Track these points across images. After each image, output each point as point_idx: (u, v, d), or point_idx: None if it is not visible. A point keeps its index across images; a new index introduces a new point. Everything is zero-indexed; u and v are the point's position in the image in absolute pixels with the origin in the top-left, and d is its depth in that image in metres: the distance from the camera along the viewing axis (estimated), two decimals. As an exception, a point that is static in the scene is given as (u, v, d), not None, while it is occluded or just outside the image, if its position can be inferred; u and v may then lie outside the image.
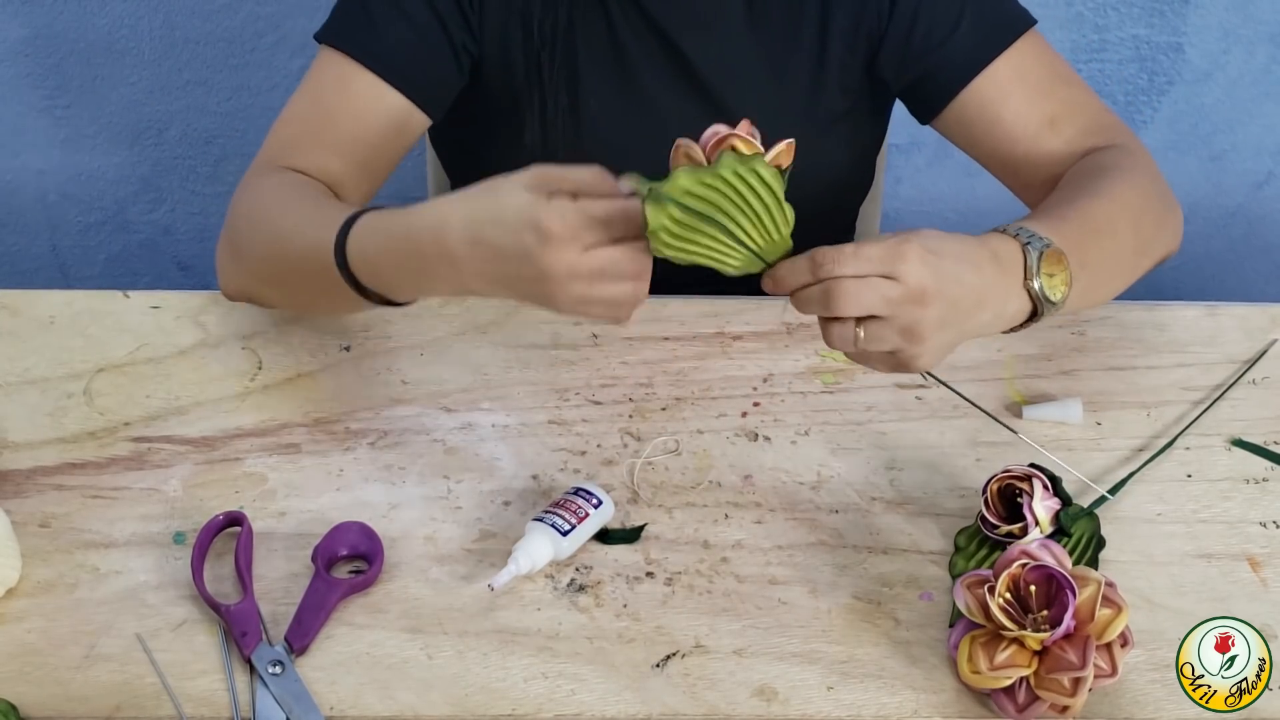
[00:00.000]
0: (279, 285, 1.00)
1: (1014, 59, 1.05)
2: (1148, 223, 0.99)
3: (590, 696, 0.80)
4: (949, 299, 0.78)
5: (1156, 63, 1.76)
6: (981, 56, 1.04)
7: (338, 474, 0.95)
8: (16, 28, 1.74)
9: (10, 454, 0.96)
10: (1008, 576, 0.78)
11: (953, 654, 0.81)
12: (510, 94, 1.08)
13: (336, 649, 0.83)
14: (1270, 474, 0.97)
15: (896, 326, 0.78)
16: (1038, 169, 1.05)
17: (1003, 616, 0.77)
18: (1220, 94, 1.79)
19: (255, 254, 1.00)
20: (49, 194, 1.91)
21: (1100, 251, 0.91)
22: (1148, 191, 1.00)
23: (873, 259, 0.76)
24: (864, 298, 0.76)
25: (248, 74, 1.78)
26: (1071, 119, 1.05)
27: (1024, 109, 1.05)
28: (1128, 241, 0.96)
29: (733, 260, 0.78)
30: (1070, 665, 0.76)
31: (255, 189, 1.02)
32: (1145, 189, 1.00)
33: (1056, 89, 1.06)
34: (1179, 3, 1.71)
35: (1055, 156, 1.05)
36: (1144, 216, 0.99)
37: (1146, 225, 0.99)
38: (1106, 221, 0.93)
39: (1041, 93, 1.05)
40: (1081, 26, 1.73)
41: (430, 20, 1.03)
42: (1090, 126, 1.06)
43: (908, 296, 0.77)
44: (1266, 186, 1.90)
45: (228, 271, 1.04)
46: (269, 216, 0.98)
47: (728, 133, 0.76)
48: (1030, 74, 1.05)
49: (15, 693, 0.79)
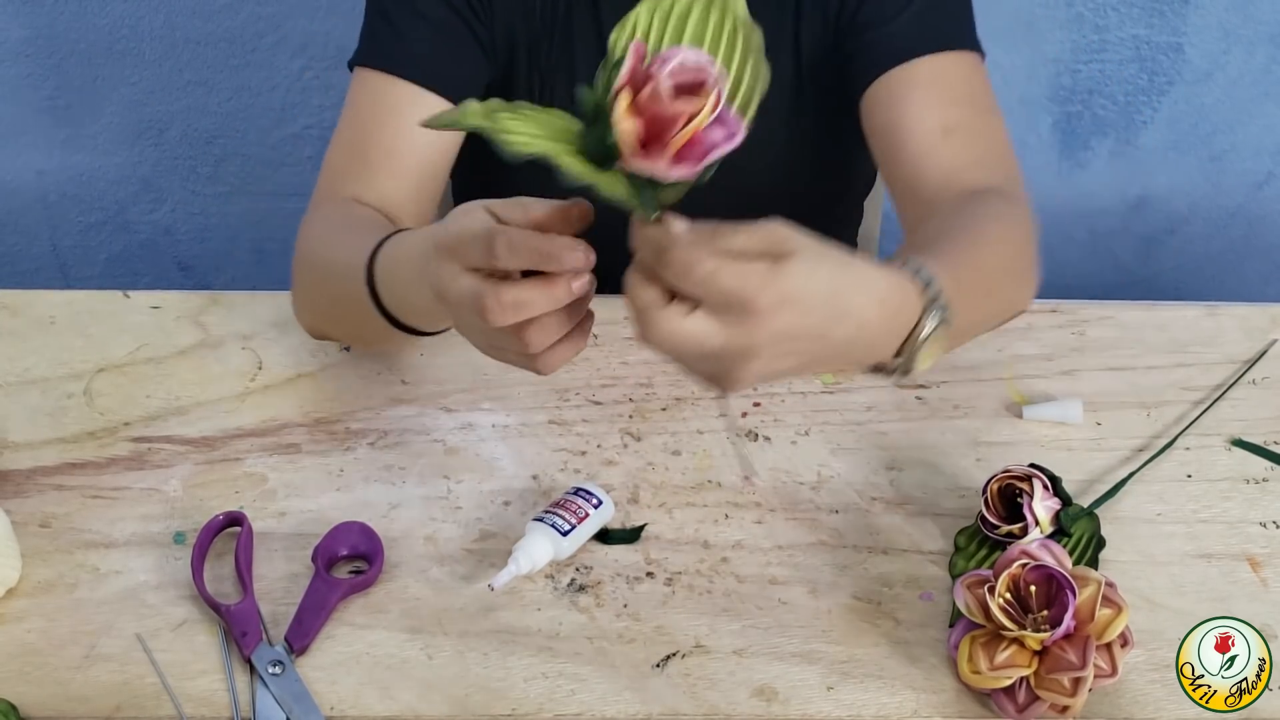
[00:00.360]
0: (334, 320, 0.99)
1: (941, 64, 1.02)
2: (1014, 288, 0.92)
3: (590, 696, 0.80)
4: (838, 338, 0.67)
5: (1156, 63, 1.76)
6: (911, 48, 1.02)
7: (338, 474, 0.95)
8: (16, 28, 1.74)
9: (10, 454, 0.96)
10: (1008, 576, 0.78)
11: (953, 654, 0.81)
12: (512, 85, 1.08)
13: (336, 649, 0.83)
14: (1270, 474, 0.97)
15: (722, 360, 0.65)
16: (918, 176, 1.00)
17: (1003, 616, 0.77)
18: (1220, 94, 1.79)
19: (311, 291, 0.99)
20: (49, 194, 1.91)
21: (975, 315, 0.83)
22: (1027, 255, 0.93)
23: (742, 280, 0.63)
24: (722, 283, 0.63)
25: (248, 74, 1.78)
26: (968, 140, 1.00)
27: (926, 110, 1.01)
28: (998, 306, 0.90)
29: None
30: (1070, 665, 0.76)
31: (309, 225, 1.00)
32: (1027, 253, 0.93)
33: (965, 108, 1.02)
34: (1179, 3, 1.71)
35: (938, 169, 0.98)
36: (1019, 283, 0.92)
37: (1013, 291, 0.92)
38: (994, 286, 0.87)
39: (950, 103, 1.01)
40: (1081, 26, 1.73)
41: (449, 16, 1.03)
42: (984, 158, 1.00)
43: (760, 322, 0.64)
44: (1266, 186, 1.90)
45: (299, 310, 1.03)
46: (318, 251, 0.97)
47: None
48: (948, 84, 1.02)
49: (15, 693, 0.79)
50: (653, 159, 0.61)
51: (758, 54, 0.67)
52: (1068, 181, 1.86)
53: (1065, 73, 1.75)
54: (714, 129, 0.61)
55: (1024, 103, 1.77)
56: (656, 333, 0.64)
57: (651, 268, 0.64)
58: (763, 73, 0.67)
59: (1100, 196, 1.88)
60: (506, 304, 0.67)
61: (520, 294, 0.68)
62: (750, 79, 0.67)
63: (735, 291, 0.62)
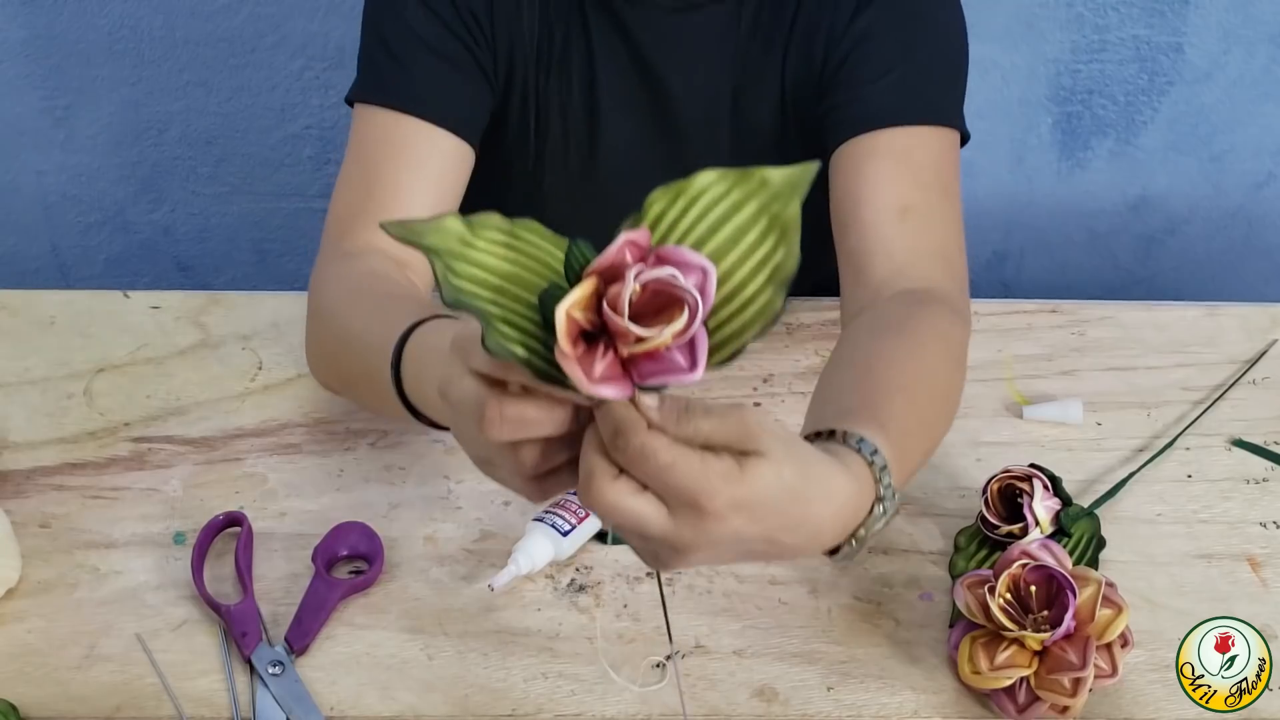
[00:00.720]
0: (352, 391, 0.95)
1: (914, 138, 0.97)
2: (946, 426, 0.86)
3: (590, 696, 0.80)
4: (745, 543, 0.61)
5: (1156, 63, 1.76)
6: (886, 116, 0.96)
7: (338, 474, 0.95)
8: (16, 28, 1.74)
9: (10, 454, 0.96)
10: (1008, 577, 0.78)
11: (953, 654, 0.81)
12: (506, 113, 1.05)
13: (336, 649, 0.83)
14: (1270, 474, 0.97)
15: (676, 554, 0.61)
16: (866, 255, 0.94)
17: (1003, 617, 0.77)
18: (1220, 94, 1.79)
19: (330, 357, 0.94)
20: (49, 194, 1.91)
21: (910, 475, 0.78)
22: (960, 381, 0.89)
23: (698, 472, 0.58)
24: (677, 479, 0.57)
25: (248, 75, 1.77)
26: (923, 226, 0.94)
27: (887, 185, 0.95)
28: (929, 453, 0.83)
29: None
30: (1070, 665, 0.76)
31: (327, 284, 0.95)
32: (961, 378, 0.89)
33: (929, 191, 0.96)
34: (1179, 3, 1.71)
35: (888, 255, 0.93)
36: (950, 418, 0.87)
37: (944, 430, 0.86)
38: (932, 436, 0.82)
39: (914, 183, 0.95)
40: (1081, 26, 1.73)
41: (454, 46, 0.99)
42: (936, 249, 0.94)
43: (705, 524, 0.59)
44: (1266, 187, 1.90)
45: (313, 365, 0.98)
46: (340, 319, 0.91)
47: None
48: (916, 161, 0.96)
49: (15, 693, 0.79)
50: (583, 364, 0.53)
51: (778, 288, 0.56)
52: (1068, 181, 1.86)
53: (1065, 73, 1.75)
54: (674, 353, 0.53)
55: (1024, 103, 1.77)
56: (599, 503, 0.59)
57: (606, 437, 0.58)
58: (773, 310, 0.56)
59: (1100, 196, 1.88)
60: (508, 418, 0.60)
61: (524, 410, 0.59)
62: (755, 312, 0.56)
63: (689, 491, 0.57)
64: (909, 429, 0.76)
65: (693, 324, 0.52)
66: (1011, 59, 1.72)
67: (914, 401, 0.79)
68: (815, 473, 0.63)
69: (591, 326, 0.53)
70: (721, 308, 0.57)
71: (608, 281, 0.53)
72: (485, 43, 1.01)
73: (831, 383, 0.81)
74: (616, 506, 0.59)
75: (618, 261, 0.53)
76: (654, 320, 0.53)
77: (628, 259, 0.53)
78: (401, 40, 0.99)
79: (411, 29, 0.99)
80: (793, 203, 0.57)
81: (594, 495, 0.59)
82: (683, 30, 1.01)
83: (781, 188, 0.58)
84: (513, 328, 0.55)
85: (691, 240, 0.57)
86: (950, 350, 0.87)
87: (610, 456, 0.58)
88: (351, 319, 0.90)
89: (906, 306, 0.89)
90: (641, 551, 0.62)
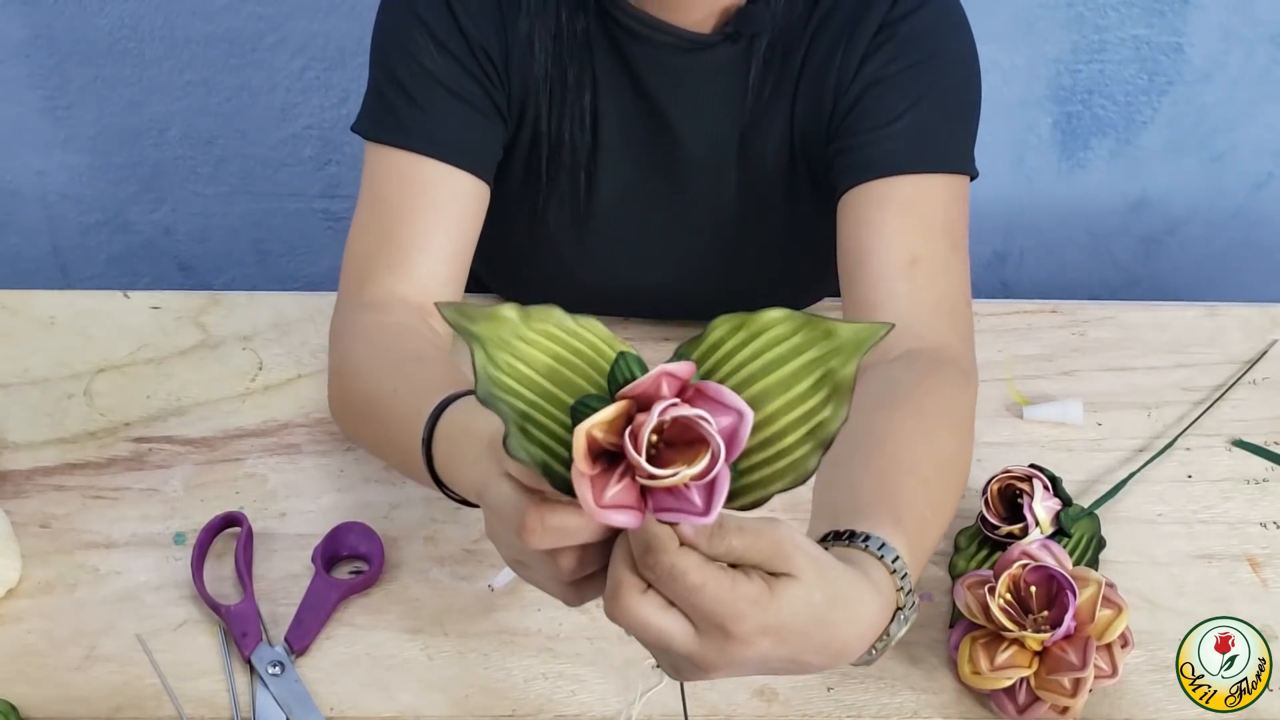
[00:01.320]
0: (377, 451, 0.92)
1: (925, 187, 0.95)
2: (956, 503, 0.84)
3: (590, 697, 0.80)
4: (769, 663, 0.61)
5: (1156, 63, 1.76)
6: (897, 164, 0.95)
7: (338, 474, 0.95)
8: (16, 28, 1.74)
9: (10, 454, 0.96)
10: (1008, 577, 0.78)
11: (953, 654, 0.81)
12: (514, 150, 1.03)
13: (336, 649, 0.83)
14: (1270, 474, 0.97)
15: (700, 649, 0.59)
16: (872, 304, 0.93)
17: (1003, 617, 0.77)
18: (1220, 94, 1.79)
19: (355, 419, 0.92)
20: (49, 194, 1.91)
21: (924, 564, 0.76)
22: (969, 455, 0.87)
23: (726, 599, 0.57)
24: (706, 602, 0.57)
25: (248, 74, 1.77)
26: (931, 278, 0.93)
27: (896, 236, 0.93)
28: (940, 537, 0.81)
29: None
30: (1070, 666, 0.76)
31: (348, 337, 0.93)
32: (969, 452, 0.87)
33: (938, 242, 0.94)
34: (1179, 3, 1.71)
35: (896, 308, 0.91)
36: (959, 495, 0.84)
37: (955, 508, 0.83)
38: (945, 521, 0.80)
39: (924, 233, 0.94)
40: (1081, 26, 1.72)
41: (469, 84, 0.97)
42: (942, 303, 0.93)
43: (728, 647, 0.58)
44: (1266, 187, 1.90)
45: (338, 418, 0.96)
46: (366, 383, 0.89)
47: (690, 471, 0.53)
48: (927, 210, 0.95)
49: (15, 693, 0.79)
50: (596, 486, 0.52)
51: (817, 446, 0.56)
52: (1068, 181, 1.86)
53: (1065, 73, 1.75)
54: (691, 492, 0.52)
55: (1024, 103, 1.77)
56: (625, 618, 0.58)
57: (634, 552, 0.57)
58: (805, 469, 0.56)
59: (1100, 197, 1.88)
60: (548, 527, 0.58)
61: (564, 519, 0.58)
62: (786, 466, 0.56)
63: (717, 615, 0.56)
64: (925, 518, 0.75)
65: (713, 469, 0.51)
66: (1011, 59, 1.72)
67: (928, 486, 0.78)
68: (844, 596, 0.62)
69: (615, 449, 0.52)
70: (755, 452, 0.56)
71: (640, 408, 0.52)
72: (499, 81, 0.99)
73: (841, 464, 0.76)
74: (643, 622, 0.57)
75: (650, 391, 0.52)
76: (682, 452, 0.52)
77: (663, 391, 0.52)
78: (415, 79, 0.96)
79: (425, 68, 0.96)
80: (852, 362, 0.56)
81: (620, 610, 0.58)
82: (691, 70, 0.98)
83: (846, 343, 0.56)
84: (541, 430, 0.54)
85: (743, 374, 0.56)
86: (960, 420, 0.86)
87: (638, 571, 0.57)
88: (380, 381, 0.88)
89: (915, 373, 0.87)
90: (662, 662, 0.61)
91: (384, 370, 0.88)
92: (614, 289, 1.07)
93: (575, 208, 1.03)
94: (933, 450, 0.81)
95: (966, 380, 0.89)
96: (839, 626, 0.61)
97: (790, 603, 0.58)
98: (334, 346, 0.94)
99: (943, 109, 0.97)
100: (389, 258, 0.95)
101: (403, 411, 0.81)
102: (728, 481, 0.52)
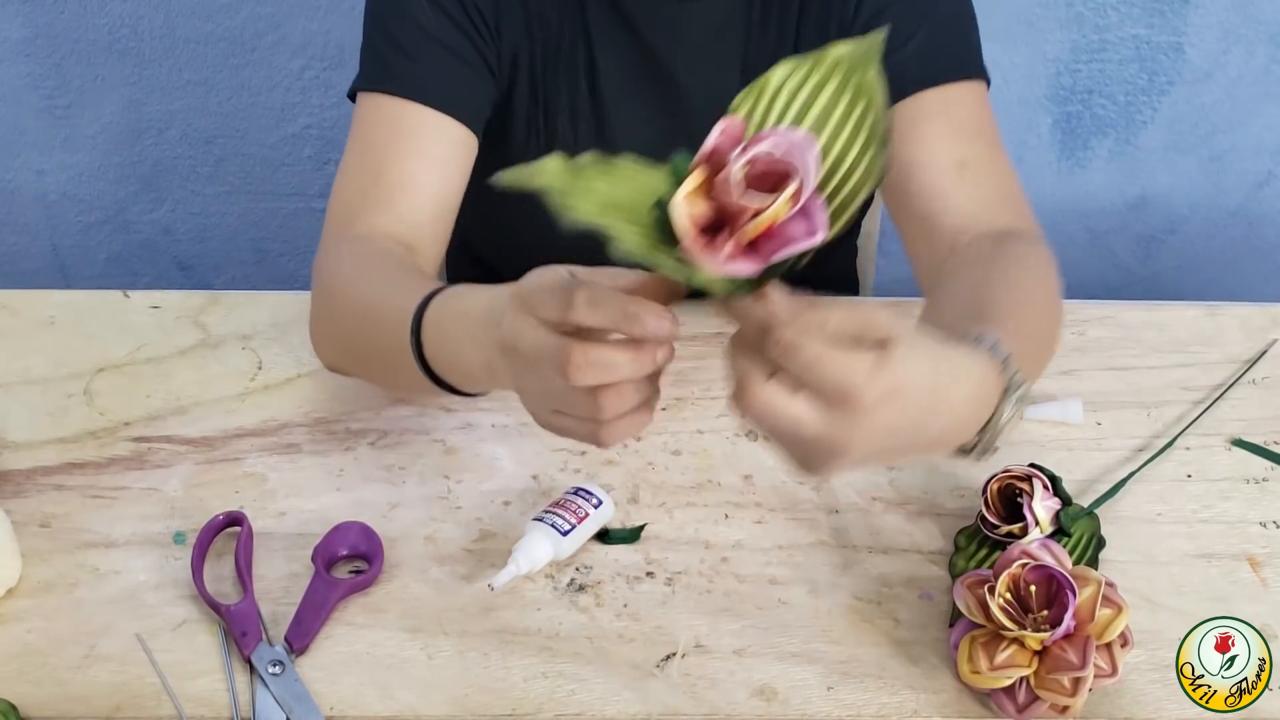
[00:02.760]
0: (363, 365, 0.95)
1: (950, 95, 0.99)
2: (1056, 339, 0.92)
3: (590, 696, 0.80)
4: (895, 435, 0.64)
5: (1156, 63, 1.76)
6: (920, 79, 0.99)
7: (338, 474, 0.95)
8: (16, 28, 1.74)
9: (10, 454, 0.96)
10: (1008, 576, 0.78)
11: (953, 654, 0.81)
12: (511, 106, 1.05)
13: (336, 649, 0.83)
14: (1270, 474, 0.97)
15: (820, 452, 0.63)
16: (933, 216, 0.97)
17: (1003, 616, 0.77)
18: (1220, 94, 1.79)
19: (340, 333, 0.95)
20: (49, 194, 1.91)
21: (1033, 379, 0.82)
22: (1058, 301, 0.93)
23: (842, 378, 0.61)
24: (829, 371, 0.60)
25: (248, 74, 1.78)
26: (981, 175, 0.98)
27: (938, 143, 0.98)
28: (1046, 361, 0.89)
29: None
30: (1070, 665, 0.76)
31: (332, 262, 0.96)
32: (1058, 298, 0.92)
33: (977, 142, 1.00)
34: (1179, 3, 1.71)
35: (955, 210, 0.96)
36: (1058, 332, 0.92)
37: (1056, 342, 0.91)
38: (1045, 345, 0.87)
39: (962, 137, 0.99)
40: (1081, 26, 1.73)
41: (459, 38, 1.00)
42: (998, 195, 0.98)
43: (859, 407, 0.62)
44: (1266, 186, 1.90)
45: (319, 346, 0.98)
46: (350, 294, 0.92)
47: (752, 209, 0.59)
48: (957, 116, 0.99)
49: (15, 693, 0.79)
50: (709, 251, 0.55)
51: (879, 146, 0.61)
52: (1067, 181, 1.86)
53: (1065, 73, 1.75)
54: (793, 223, 0.55)
55: (1024, 103, 1.77)
56: (755, 406, 0.61)
57: (751, 339, 0.61)
58: (878, 167, 0.61)
59: (1100, 196, 1.88)
60: (593, 362, 0.62)
61: (608, 355, 0.63)
62: (862, 174, 0.61)
63: (840, 382, 0.60)
64: (1024, 335, 0.79)
65: (804, 189, 0.55)
66: (1011, 59, 1.73)
67: (1020, 317, 0.82)
68: (946, 354, 0.66)
69: (707, 221, 0.56)
70: (829, 179, 0.60)
71: (715, 170, 0.55)
72: (490, 39, 1.02)
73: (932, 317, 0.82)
74: (772, 408, 0.61)
75: (720, 147, 0.56)
76: (766, 198, 0.55)
77: (730, 141, 0.56)
78: (407, 33, 1.00)
79: (418, 23, 0.99)
80: (869, 69, 0.61)
81: (749, 399, 0.61)
82: (686, 19, 1.02)
83: (855, 58, 0.61)
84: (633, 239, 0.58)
85: (788, 120, 0.61)
86: (1042, 277, 0.91)
87: (759, 360, 0.61)
88: (365, 291, 0.90)
89: (989, 245, 0.92)
90: (793, 457, 0.64)
91: (370, 282, 0.91)
92: None
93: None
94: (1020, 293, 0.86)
95: (1042, 246, 0.94)
96: (950, 385, 0.66)
97: (904, 362, 0.61)
98: (317, 278, 0.96)
99: (949, 21, 1.02)
100: (375, 198, 0.97)
101: (389, 314, 0.84)
102: (821, 202, 0.57)
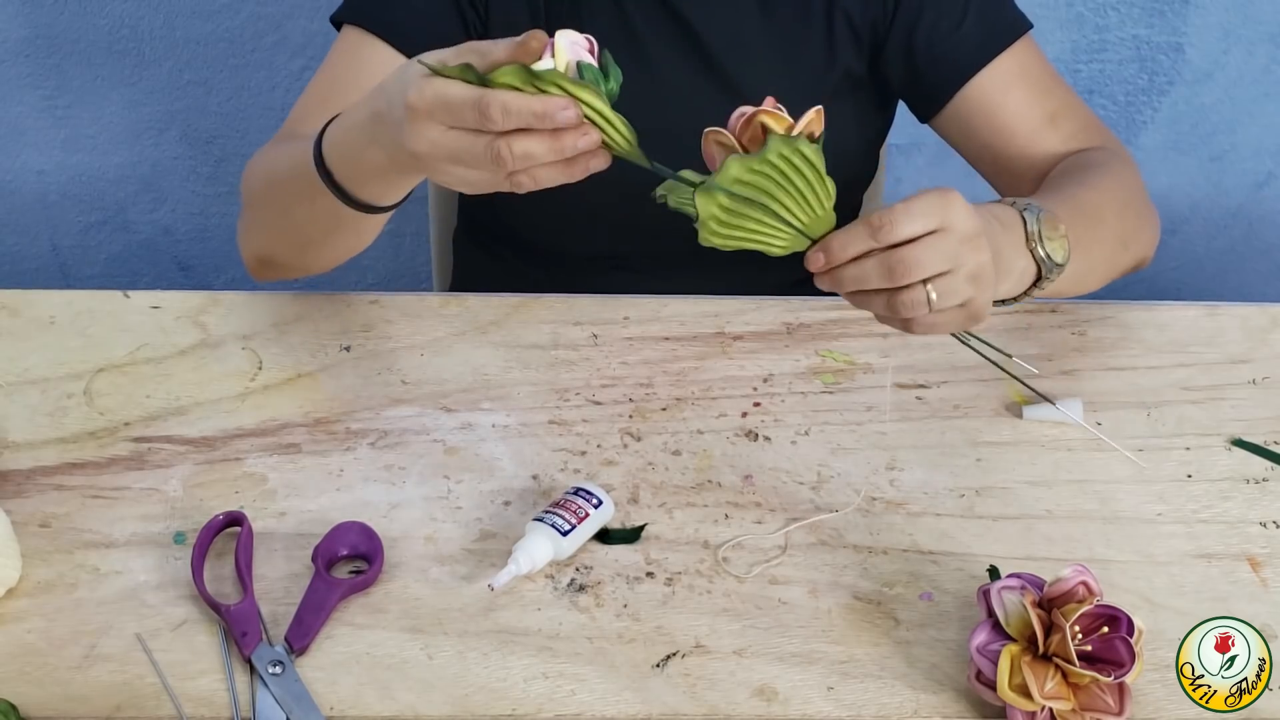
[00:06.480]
0: (281, 225, 1.00)
1: (1016, 56, 1.08)
2: (1131, 216, 1.03)
3: (590, 696, 0.80)
4: (992, 244, 0.80)
5: (1156, 63, 1.76)
6: (986, 53, 1.07)
7: (338, 474, 0.95)
8: (16, 28, 1.74)
9: (10, 454, 0.96)
10: (1080, 616, 0.76)
11: (973, 655, 0.78)
12: None
13: (336, 649, 0.83)
14: (1270, 474, 0.97)
15: (964, 275, 0.77)
16: (1032, 165, 1.08)
17: (1074, 655, 0.75)
18: (1220, 94, 1.80)
19: (255, 203, 1.02)
20: (49, 194, 1.91)
21: (1089, 234, 0.94)
22: (1132, 188, 1.05)
23: (926, 214, 0.77)
24: (931, 257, 0.76)
25: (248, 74, 1.78)
26: (1070, 118, 1.09)
27: (1025, 106, 1.08)
28: (1113, 229, 1.00)
29: (779, 241, 0.78)
30: (1106, 708, 0.74)
31: (262, 152, 1.04)
32: (1130, 186, 1.05)
33: (1055, 89, 1.10)
34: (1179, 3, 1.71)
35: (1051, 153, 1.08)
36: (1128, 210, 1.03)
37: (1130, 219, 1.03)
38: (1094, 208, 0.97)
39: (1043, 90, 1.09)
40: (1081, 26, 1.73)
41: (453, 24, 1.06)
42: (1085, 127, 1.10)
43: (966, 242, 0.77)
44: (1266, 186, 1.90)
45: (244, 239, 1.05)
46: (264, 166, 1.01)
47: (755, 110, 0.75)
48: (1031, 72, 1.09)
49: (15, 693, 0.79)
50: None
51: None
52: (1068, 181, 1.86)
53: (1065, 73, 1.75)
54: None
55: (1024, 103, 1.77)
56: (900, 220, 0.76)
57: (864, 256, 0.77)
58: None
59: (1100, 196, 1.88)
60: (518, 155, 0.73)
61: (529, 146, 0.73)
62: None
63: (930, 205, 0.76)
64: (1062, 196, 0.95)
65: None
66: (1011, 59, 1.72)
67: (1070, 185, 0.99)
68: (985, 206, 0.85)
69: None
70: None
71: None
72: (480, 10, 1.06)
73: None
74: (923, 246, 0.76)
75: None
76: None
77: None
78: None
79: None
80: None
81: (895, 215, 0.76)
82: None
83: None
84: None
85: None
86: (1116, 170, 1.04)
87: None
88: (277, 160, 0.98)
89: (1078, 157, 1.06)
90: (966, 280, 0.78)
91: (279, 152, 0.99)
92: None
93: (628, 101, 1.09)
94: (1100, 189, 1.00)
95: (1129, 158, 1.09)
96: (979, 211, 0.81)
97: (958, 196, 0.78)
98: (244, 177, 1.04)
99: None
100: (315, 119, 0.96)
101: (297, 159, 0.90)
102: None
